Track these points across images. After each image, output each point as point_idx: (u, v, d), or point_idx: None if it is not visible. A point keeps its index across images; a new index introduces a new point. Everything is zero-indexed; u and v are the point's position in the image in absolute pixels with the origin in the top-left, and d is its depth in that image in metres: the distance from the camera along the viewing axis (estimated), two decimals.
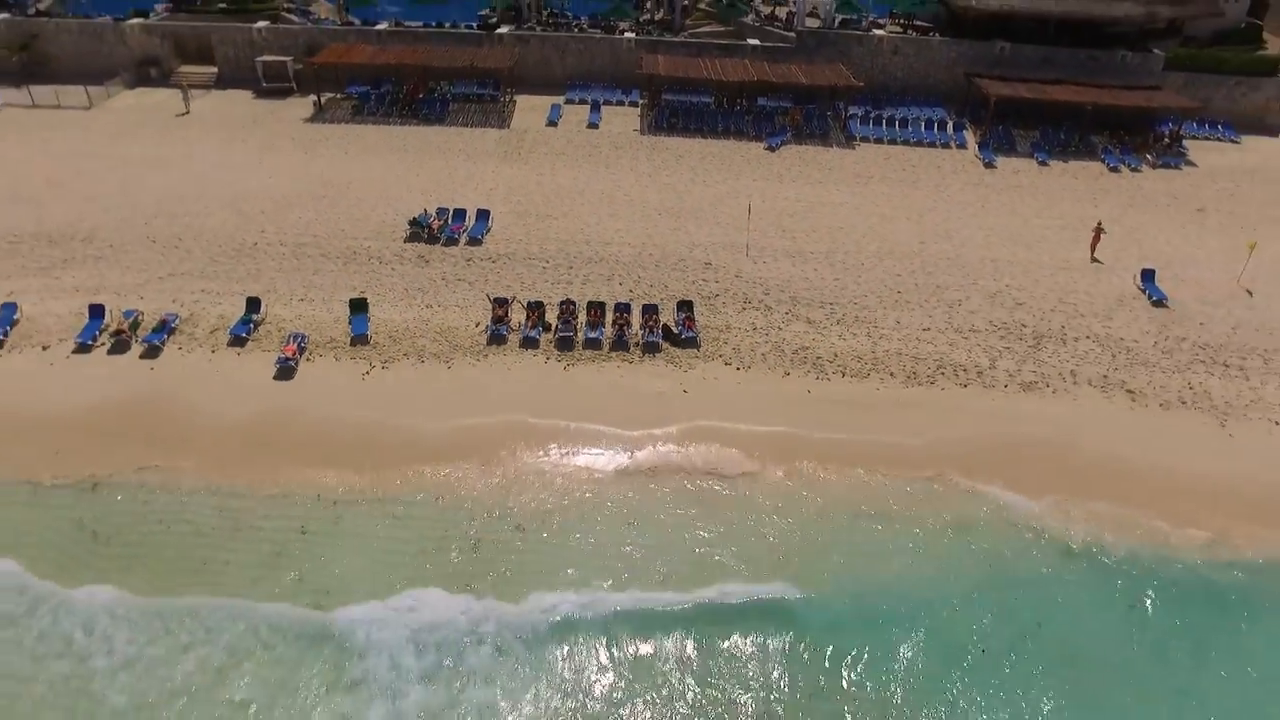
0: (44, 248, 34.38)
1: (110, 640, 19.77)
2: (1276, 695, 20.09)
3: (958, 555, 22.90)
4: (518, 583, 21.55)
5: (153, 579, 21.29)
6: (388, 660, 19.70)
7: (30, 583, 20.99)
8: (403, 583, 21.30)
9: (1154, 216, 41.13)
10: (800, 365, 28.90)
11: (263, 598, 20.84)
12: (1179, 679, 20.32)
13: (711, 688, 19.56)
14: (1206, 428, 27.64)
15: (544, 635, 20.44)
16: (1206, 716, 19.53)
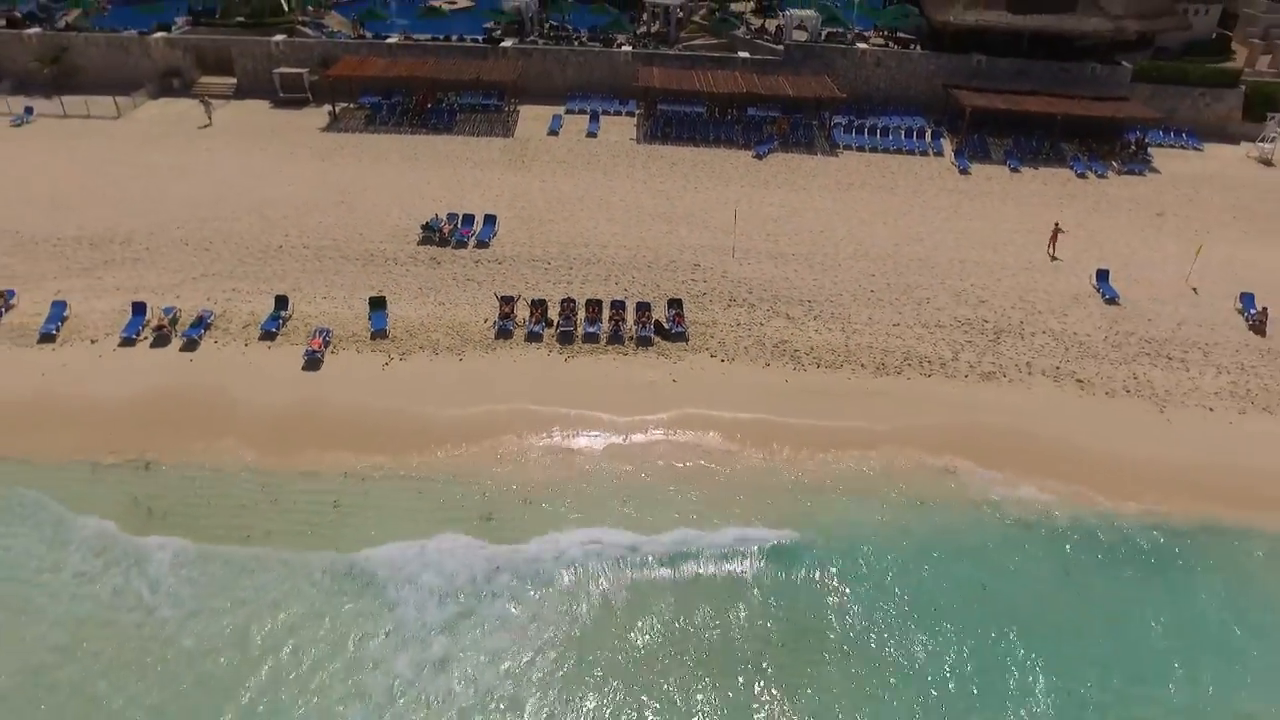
0: (85, 250, 37.31)
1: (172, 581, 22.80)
2: (1190, 642, 22.95)
3: (915, 524, 25.79)
4: (526, 534, 24.64)
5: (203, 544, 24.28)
6: (410, 582, 22.96)
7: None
8: (425, 534, 24.39)
9: (1115, 220, 44.04)
10: (779, 357, 31.85)
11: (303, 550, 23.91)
12: (1108, 632, 23.18)
13: (684, 605, 22.52)
14: (1147, 414, 30.56)
15: (548, 565, 23.80)
16: (1132, 663, 22.37)
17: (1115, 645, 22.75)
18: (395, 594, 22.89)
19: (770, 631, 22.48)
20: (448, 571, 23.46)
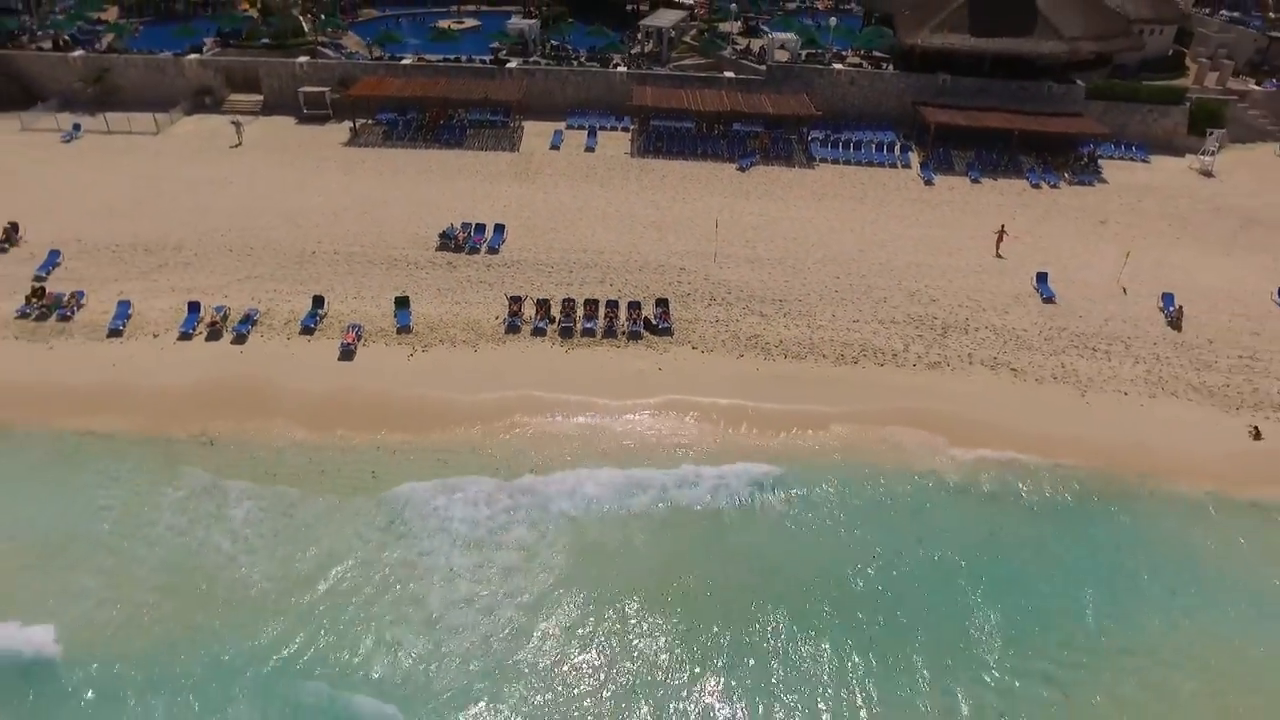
0: (141, 256, 42.12)
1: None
2: (1085, 578, 27.67)
3: (863, 487, 30.60)
4: (539, 477, 29.83)
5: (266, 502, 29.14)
6: (432, 507, 28.49)
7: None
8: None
9: (1061, 227, 48.87)
10: (752, 349, 36.69)
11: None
12: (1022, 575, 27.94)
13: (663, 523, 27.36)
14: (1070, 398, 35.38)
15: (553, 493, 29.17)
16: (1042, 598, 27.04)
17: (1027, 581, 27.52)
18: (432, 505, 28.20)
19: (737, 556, 27.30)
20: (470, 495, 28.60)
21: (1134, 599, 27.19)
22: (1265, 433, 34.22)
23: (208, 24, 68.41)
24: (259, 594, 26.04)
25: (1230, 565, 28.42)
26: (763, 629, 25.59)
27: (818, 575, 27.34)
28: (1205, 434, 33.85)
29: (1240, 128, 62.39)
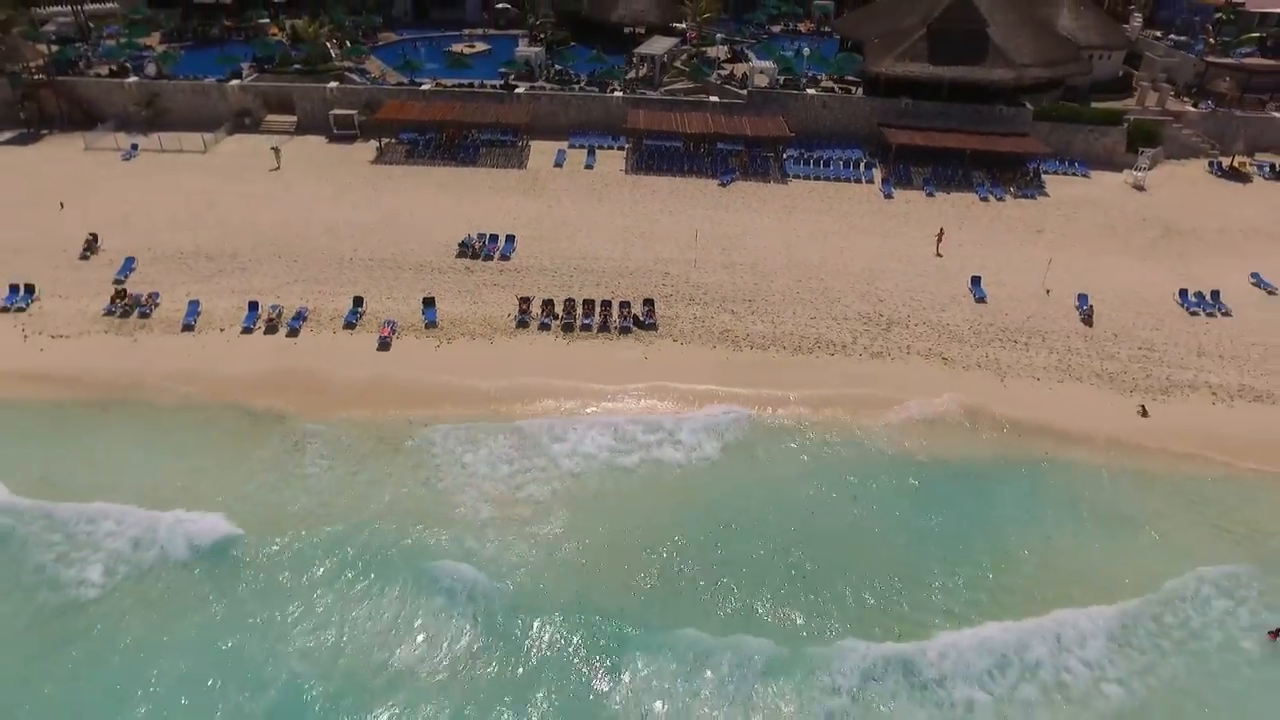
0: (204, 262, 49.11)
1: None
2: (982, 524, 34.54)
3: (813, 453, 37.48)
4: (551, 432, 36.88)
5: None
6: (462, 459, 35.58)
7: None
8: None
9: (1002, 236, 55.79)
10: (723, 342, 43.64)
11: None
12: (935, 520, 34.77)
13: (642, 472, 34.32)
14: (990, 382, 42.26)
15: (556, 451, 36.23)
16: (948, 547, 33.79)
17: (938, 525, 34.41)
18: (462, 458, 35.58)
19: (700, 498, 34.23)
20: (490, 451, 35.73)
21: (1017, 540, 34.09)
22: (1151, 411, 41.10)
23: (242, 49, 75.56)
24: (364, 505, 33.67)
25: (1098, 513, 35.31)
26: (718, 548, 32.53)
27: (769, 516, 34.27)
28: (1101, 412, 40.74)
29: (1176, 146, 69.29)
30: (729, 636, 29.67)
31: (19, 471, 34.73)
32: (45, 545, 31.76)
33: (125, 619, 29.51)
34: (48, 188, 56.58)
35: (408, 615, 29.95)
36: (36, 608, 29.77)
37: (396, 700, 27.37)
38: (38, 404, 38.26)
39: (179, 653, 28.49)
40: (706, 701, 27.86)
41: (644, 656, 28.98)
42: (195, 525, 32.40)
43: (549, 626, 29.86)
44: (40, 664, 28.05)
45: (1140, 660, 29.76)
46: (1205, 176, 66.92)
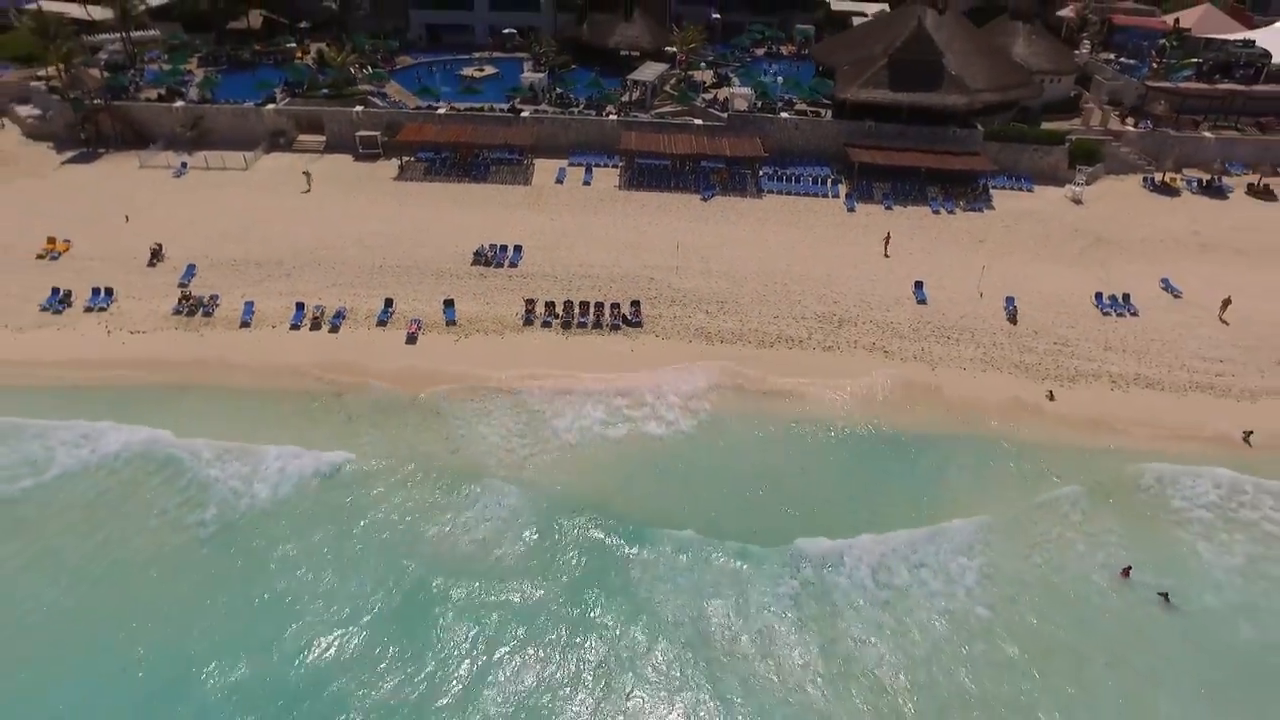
0: (253, 269, 57.05)
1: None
2: (902, 482, 42.40)
3: (767, 425, 45.38)
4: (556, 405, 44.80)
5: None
6: (478, 428, 43.41)
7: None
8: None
9: (948, 245, 63.63)
10: (699, 338, 51.55)
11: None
12: (862, 489, 42.66)
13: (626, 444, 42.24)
14: (923, 371, 50.15)
15: (556, 425, 44.04)
16: (875, 503, 41.64)
17: (867, 484, 42.30)
18: (478, 427, 43.49)
19: (677, 460, 42.17)
20: (503, 421, 43.89)
21: (923, 478, 42.29)
22: (1057, 396, 48.94)
23: (273, 73, 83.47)
24: (418, 449, 42.40)
25: (990, 466, 43.25)
26: (688, 498, 40.50)
27: (733, 473, 42.24)
28: (1013, 396, 48.58)
29: (1116, 162, 77.14)
30: (709, 537, 38.74)
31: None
32: (217, 471, 41.13)
33: (280, 525, 39.06)
34: (111, 203, 64.55)
35: (474, 517, 39.49)
36: (211, 520, 39.11)
37: (479, 574, 36.96)
38: (130, 386, 46.23)
39: (323, 548, 37.94)
40: (696, 578, 37.27)
41: (647, 545, 38.57)
42: (317, 457, 41.81)
43: (577, 524, 39.33)
44: (217, 561, 37.40)
45: (1002, 554, 38.25)
46: (1139, 191, 74.76)
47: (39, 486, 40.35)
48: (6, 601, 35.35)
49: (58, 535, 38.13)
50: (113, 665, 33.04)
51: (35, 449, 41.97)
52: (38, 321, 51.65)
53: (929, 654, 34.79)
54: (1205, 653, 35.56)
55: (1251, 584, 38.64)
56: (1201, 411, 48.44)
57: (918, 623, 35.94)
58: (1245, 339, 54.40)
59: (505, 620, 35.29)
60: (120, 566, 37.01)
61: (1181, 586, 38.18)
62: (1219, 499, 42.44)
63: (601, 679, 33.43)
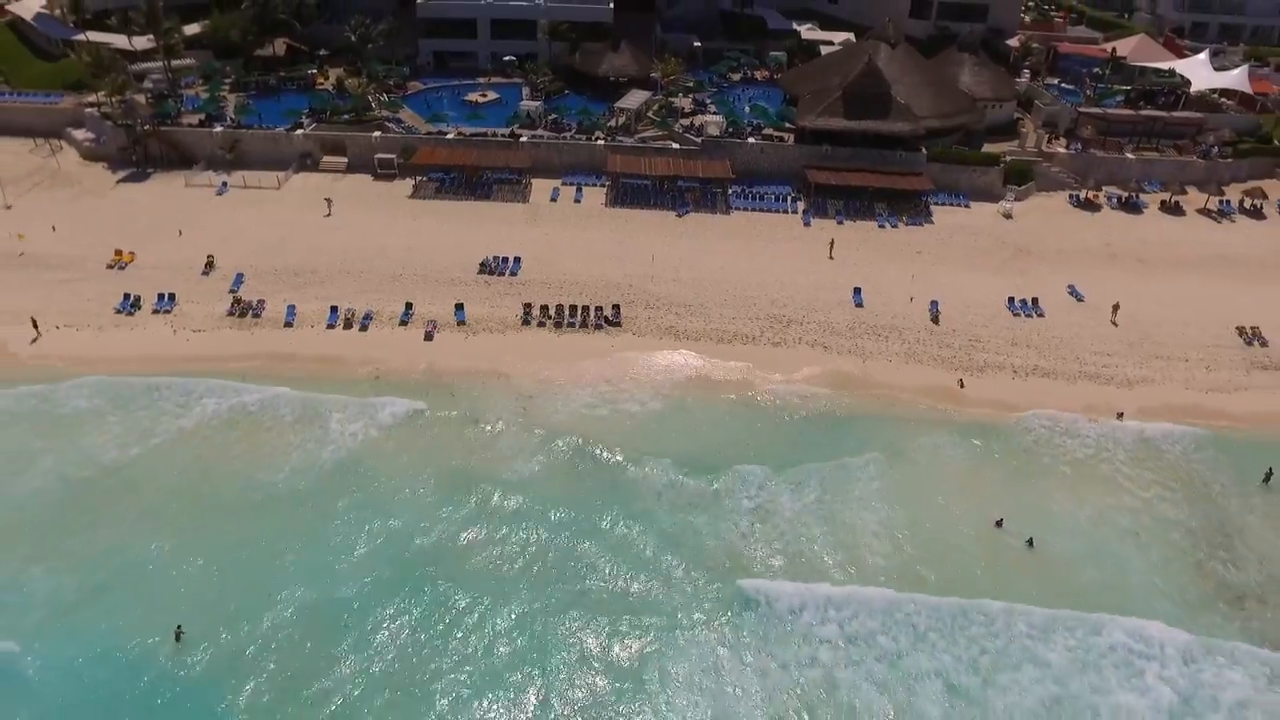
0: (291, 277, 67.03)
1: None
2: (826, 454, 52.49)
3: (722, 403, 55.52)
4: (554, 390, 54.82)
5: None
6: (488, 407, 53.16)
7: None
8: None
9: (889, 256, 73.72)
10: (669, 335, 61.67)
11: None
12: (790, 444, 52.76)
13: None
14: (854, 363, 60.27)
15: (549, 406, 53.99)
16: (798, 452, 51.78)
17: (800, 453, 52.39)
18: (487, 405, 53.32)
19: (650, 432, 52.26)
20: (503, 402, 53.95)
21: (840, 438, 52.45)
22: (966, 384, 59.05)
23: (297, 99, 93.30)
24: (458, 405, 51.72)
25: (909, 458, 53.36)
26: (654, 461, 50.61)
27: (687, 444, 52.37)
28: (929, 384, 58.73)
29: (1047, 181, 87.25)
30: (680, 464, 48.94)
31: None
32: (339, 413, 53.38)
33: (384, 455, 50.96)
34: (164, 218, 74.45)
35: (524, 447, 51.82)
36: (329, 456, 50.87)
37: (529, 486, 49.28)
38: (196, 374, 56.26)
39: (421, 473, 49.89)
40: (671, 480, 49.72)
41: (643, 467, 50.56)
42: (406, 403, 54.40)
43: (605, 458, 51.12)
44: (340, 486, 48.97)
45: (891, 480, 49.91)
46: (1065, 206, 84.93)
47: (199, 424, 52.84)
48: (216, 499, 47.97)
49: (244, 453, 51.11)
50: (300, 540, 45.90)
51: (172, 407, 53.76)
52: (115, 322, 61.65)
53: (821, 515, 48.14)
54: (1054, 587, 45.55)
55: (1097, 529, 48.84)
56: (1086, 396, 58.66)
57: (818, 511, 48.26)
58: (1130, 336, 64.68)
59: (541, 501, 48.84)
60: (298, 474, 49.80)
61: (1043, 534, 48.17)
62: (1084, 457, 52.91)
63: (609, 533, 47.34)
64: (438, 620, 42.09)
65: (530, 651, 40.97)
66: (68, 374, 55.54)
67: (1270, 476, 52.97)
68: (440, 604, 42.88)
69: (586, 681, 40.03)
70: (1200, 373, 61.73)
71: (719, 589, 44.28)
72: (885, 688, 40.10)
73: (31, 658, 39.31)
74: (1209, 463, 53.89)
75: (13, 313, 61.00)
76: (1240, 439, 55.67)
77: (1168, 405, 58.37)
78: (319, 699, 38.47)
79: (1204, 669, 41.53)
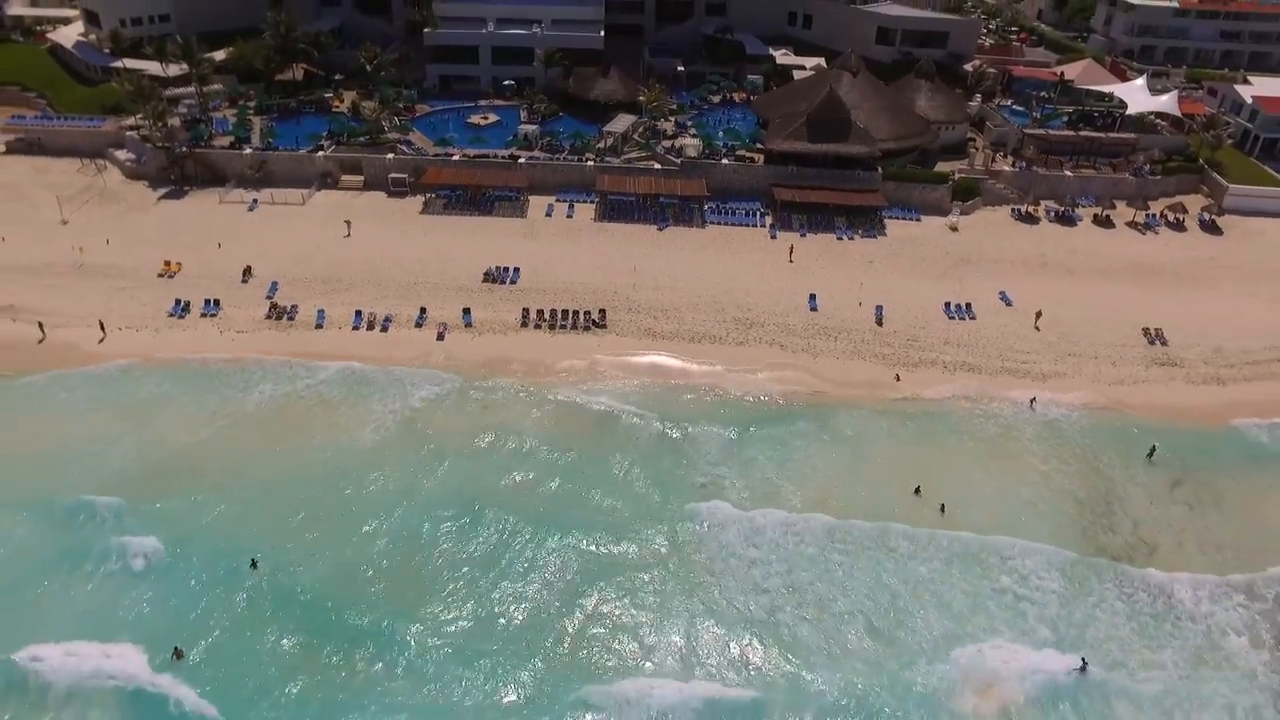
0: (320, 285, 76.84)
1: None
2: (783, 442, 62.42)
3: (694, 398, 65.40)
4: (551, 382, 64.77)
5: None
6: (495, 397, 63.13)
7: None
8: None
9: (844, 265, 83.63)
10: (648, 335, 71.59)
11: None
12: (760, 435, 62.64)
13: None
14: (806, 359, 70.20)
15: (542, 396, 63.69)
16: (753, 423, 61.69)
17: (760, 441, 62.32)
18: (494, 396, 63.13)
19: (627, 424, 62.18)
20: (505, 394, 63.80)
21: (789, 442, 62.23)
22: (903, 378, 68.98)
23: (314, 120, 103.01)
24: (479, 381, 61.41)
25: (848, 439, 63.27)
26: (627, 447, 60.48)
27: (666, 430, 62.28)
28: (870, 377, 68.65)
29: (993, 196, 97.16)
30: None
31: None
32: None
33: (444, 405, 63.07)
34: (203, 231, 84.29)
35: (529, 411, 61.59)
36: (396, 420, 62.18)
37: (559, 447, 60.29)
38: (249, 366, 66.15)
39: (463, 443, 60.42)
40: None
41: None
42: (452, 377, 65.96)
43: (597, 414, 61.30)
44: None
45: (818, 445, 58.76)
46: (1007, 220, 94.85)
47: (297, 391, 64.87)
48: (313, 471, 58.21)
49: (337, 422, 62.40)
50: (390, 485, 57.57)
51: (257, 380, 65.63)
52: (169, 324, 71.53)
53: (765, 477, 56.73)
54: (957, 548, 55.48)
55: (1001, 499, 58.72)
56: (1005, 387, 68.54)
57: (755, 470, 58.54)
58: (1049, 337, 74.64)
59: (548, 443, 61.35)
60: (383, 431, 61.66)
61: (955, 502, 58.04)
62: (996, 436, 62.88)
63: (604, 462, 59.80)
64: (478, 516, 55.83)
65: (540, 546, 54.29)
66: (135, 366, 65.49)
67: (1153, 452, 62.86)
68: (481, 507, 56.36)
69: (578, 561, 53.23)
70: (1107, 368, 71.66)
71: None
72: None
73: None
74: (1103, 443, 63.81)
75: (80, 316, 70.97)
76: (1131, 423, 65.68)
77: (1075, 395, 68.22)
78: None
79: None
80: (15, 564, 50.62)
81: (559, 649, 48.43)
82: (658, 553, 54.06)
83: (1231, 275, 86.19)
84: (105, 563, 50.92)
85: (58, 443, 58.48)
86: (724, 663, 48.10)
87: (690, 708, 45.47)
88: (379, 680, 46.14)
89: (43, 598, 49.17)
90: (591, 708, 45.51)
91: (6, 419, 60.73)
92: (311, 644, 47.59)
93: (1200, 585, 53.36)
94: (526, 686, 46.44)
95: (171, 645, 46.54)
